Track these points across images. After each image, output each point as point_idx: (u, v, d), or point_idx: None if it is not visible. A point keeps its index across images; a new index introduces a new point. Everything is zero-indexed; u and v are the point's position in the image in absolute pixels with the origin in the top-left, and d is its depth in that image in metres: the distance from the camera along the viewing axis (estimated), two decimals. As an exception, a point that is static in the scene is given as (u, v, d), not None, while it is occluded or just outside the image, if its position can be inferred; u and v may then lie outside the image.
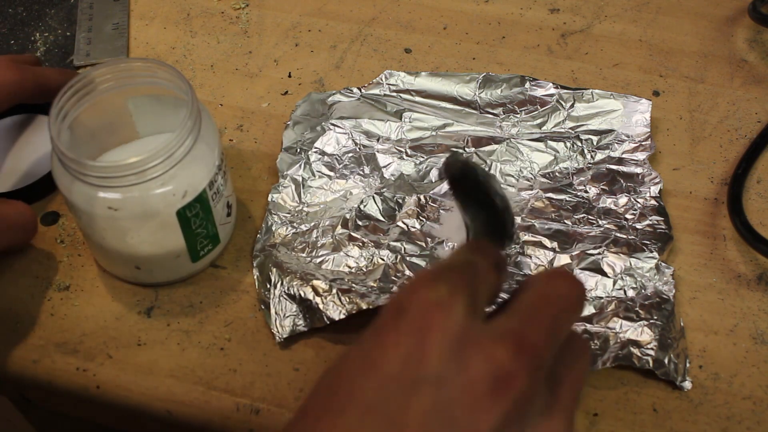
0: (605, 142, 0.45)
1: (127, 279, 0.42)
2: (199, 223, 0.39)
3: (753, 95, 0.50)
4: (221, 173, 0.40)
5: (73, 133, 0.39)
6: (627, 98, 0.47)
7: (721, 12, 0.55)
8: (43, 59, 0.53)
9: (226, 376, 0.38)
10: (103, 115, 0.40)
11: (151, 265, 0.40)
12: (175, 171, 0.37)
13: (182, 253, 0.40)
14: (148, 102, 0.41)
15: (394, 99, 0.47)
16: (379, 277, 0.40)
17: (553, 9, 0.55)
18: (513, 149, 0.45)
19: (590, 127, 0.46)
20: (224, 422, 0.37)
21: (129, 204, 0.37)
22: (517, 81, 0.48)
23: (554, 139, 0.46)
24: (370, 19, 0.55)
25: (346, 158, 0.45)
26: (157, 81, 0.40)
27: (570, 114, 0.47)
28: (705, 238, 0.43)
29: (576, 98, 0.47)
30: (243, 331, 0.40)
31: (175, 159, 0.37)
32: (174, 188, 0.37)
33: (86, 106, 0.39)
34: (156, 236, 0.39)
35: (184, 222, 0.39)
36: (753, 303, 0.41)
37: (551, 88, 0.47)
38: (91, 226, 0.39)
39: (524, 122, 0.47)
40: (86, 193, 0.37)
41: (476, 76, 0.48)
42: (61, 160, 0.37)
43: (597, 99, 0.47)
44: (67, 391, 0.39)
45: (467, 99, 0.48)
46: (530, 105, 0.47)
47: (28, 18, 0.56)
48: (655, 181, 0.43)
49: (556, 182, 0.44)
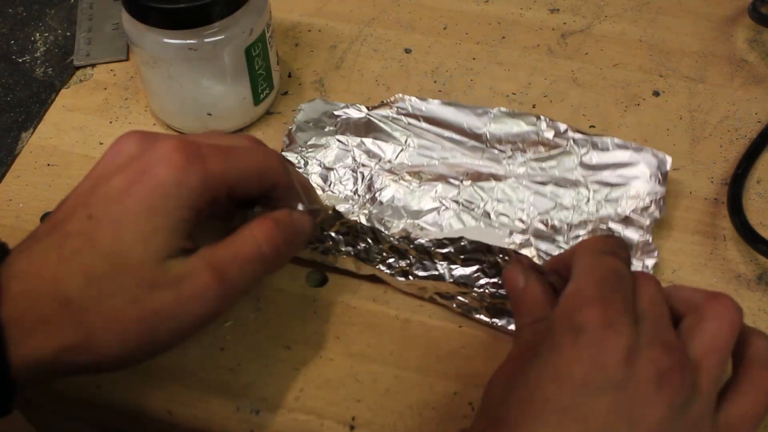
0: (615, 195, 0.42)
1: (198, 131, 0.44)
2: (260, 64, 0.46)
3: (753, 95, 0.50)
4: (270, 21, 0.46)
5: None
6: (646, 151, 0.43)
7: (721, 12, 0.55)
8: (43, 59, 0.53)
9: (226, 376, 0.38)
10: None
11: (221, 110, 0.46)
12: (242, 12, 0.43)
13: (247, 94, 0.46)
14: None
15: (400, 122, 0.46)
16: None
17: (553, 9, 0.55)
18: (513, 189, 0.43)
19: (602, 178, 0.43)
20: (224, 422, 0.37)
21: (205, 44, 0.43)
22: (532, 120, 0.45)
23: (560, 185, 0.43)
24: (370, 19, 0.55)
25: (343, 174, 0.44)
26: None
27: (582, 161, 0.43)
28: (705, 238, 0.43)
29: (592, 145, 0.44)
30: (243, 331, 0.40)
31: None
32: (242, 27, 0.43)
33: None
34: (225, 78, 0.45)
35: (250, 60, 0.45)
36: (753, 303, 0.41)
37: (567, 132, 0.44)
38: (168, 73, 0.44)
39: (532, 163, 0.44)
40: (161, 38, 0.43)
41: (489, 110, 0.46)
42: None
43: (614, 149, 0.43)
44: (67, 391, 0.39)
45: (476, 132, 0.45)
46: (542, 146, 0.44)
47: (28, 18, 0.56)
48: (652, 255, 0.40)
49: (552, 231, 0.41)
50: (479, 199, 0.43)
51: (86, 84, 0.52)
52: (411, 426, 0.37)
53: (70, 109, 0.50)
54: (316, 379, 0.38)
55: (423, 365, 0.39)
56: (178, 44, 0.43)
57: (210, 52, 0.43)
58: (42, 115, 0.50)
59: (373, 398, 0.37)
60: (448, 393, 0.38)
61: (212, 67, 0.44)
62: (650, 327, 0.31)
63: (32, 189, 0.46)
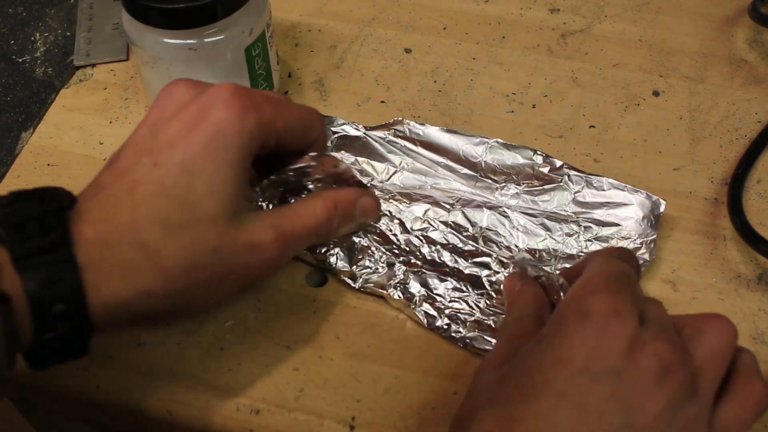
0: (605, 234, 0.42)
1: None
2: (260, 64, 0.46)
3: (753, 95, 0.50)
4: (270, 21, 0.46)
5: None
6: (641, 193, 0.43)
7: (721, 12, 0.55)
8: (43, 59, 0.53)
9: (226, 376, 0.38)
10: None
11: None
12: (242, 12, 0.43)
13: None
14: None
15: (396, 144, 0.46)
16: None
17: (553, 9, 0.55)
18: (503, 218, 0.42)
19: (594, 216, 0.42)
20: (224, 422, 0.37)
21: (205, 44, 0.43)
22: (529, 154, 0.44)
23: (551, 219, 0.42)
24: (370, 19, 0.55)
25: None
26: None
27: (576, 198, 0.43)
28: (705, 238, 0.43)
29: (587, 183, 0.43)
30: (243, 331, 0.40)
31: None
32: (242, 27, 0.43)
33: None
34: (225, 78, 0.44)
35: (250, 60, 0.45)
36: (753, 303, 0.41)
37: (563, 168, 0.44)
38: (168, 73, 0.43)
39: (525, 195, 0.44)
40: (161, 38, 0.43)
41: (486, 140, 0.45)
42: None
43: (609, 189, 0.43)
44: (67, 391, 0.39)
45: (471, 160, 0.45)
46: (536, 180, 0.44)
47: (28, 18, 0.56)
48: None
49: (538, 262, 0.41)
50: (468, 224, 0.42)
51: (86, 84, 0.52)
52: (411, 426, 0.37)
53: (70, 109, 0.50)
54: (316, 379, 0.38)
55: (423, 365, 0.39)
56: (177, 44, 0.43)
57: (210, 52, 0.43)
58: (42, 115, 0.50)
59: (373, 398, 0.37)
60: (448, 393, 0.38)
61: (212, 67, 0.44)
62: (656, 326, 0.32)
63: (32, 189, 0.46)
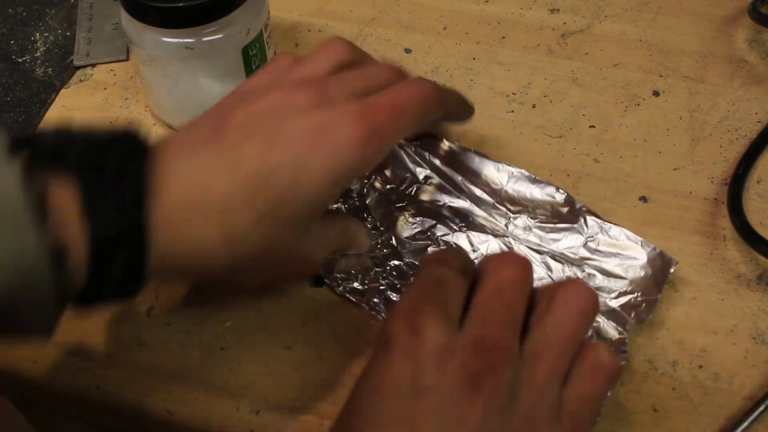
0: (608, 285, 0.40)
1: None
2: (257, 63, 0.46)
3: (753, 95, 0.50)
4: (268, 21, 0.47)
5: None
6: (654, 251, 0.41)
7: (721, 12, 0.55)
8: (43, 59, 0.53)
9: (226, 376, 0.38)
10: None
11: None
12: (239, 12, 0.43)
13: None
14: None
15: (423, 157, 0.44)
16: None
17: (553, 9, 0.55)
18: (505, 249, 0.41)
19: (602, 264, 0.41)
20: (224, 422, 0.37)
21: (203, 43, 0.43)
22: (551, 190, 0.43)
23: (556, 259, 0.41)
24: (370, 19, 0.55)
25: (351, 193, 0.44)
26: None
27: (588, 244, 0.41)
28: (705, 238, 0.43)
29: (602, 230, 0.42)
30: (243, 331, 0.40)
31: None
32: (240, 27, 0.44)
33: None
34: (223, 77, 0.45)
35: (247, 60, 0.45)
36: (753, 303, 0.41)
37: (581, 210, 0.42)
38: (166, 71, 0.44)
39: (536, 230, 0.42)
40: (159, 37, 0.43)
41: (512, 169, 0.44)
42: None
43: (623, 240, 0.41)
44: (67, 391, 0.39)
45: (492, 186, 0.43)
46: (552, 217, 0.42)
47: (28, 18, 0.56)
48: (623, 356, 0.38)
49: None
50: (469, 247, 0.42)
51: (86, 84, 0.52)
52: (411, 426, 0.37)
53: (70, 109, 0.50)
54: (316, 379, 0.38)
55: (423, 365, 0.39)
56: (175, 43, 0.43)
57: (207, 51, 0.44)
58: (42, 115, 0.50)
59: (373, 398, 0.37)
60: (448, 393, 0.38)
61: (209, 66, 0.44)
62: (475, 326, 0.31)
63: (32, 189, 0.46)
